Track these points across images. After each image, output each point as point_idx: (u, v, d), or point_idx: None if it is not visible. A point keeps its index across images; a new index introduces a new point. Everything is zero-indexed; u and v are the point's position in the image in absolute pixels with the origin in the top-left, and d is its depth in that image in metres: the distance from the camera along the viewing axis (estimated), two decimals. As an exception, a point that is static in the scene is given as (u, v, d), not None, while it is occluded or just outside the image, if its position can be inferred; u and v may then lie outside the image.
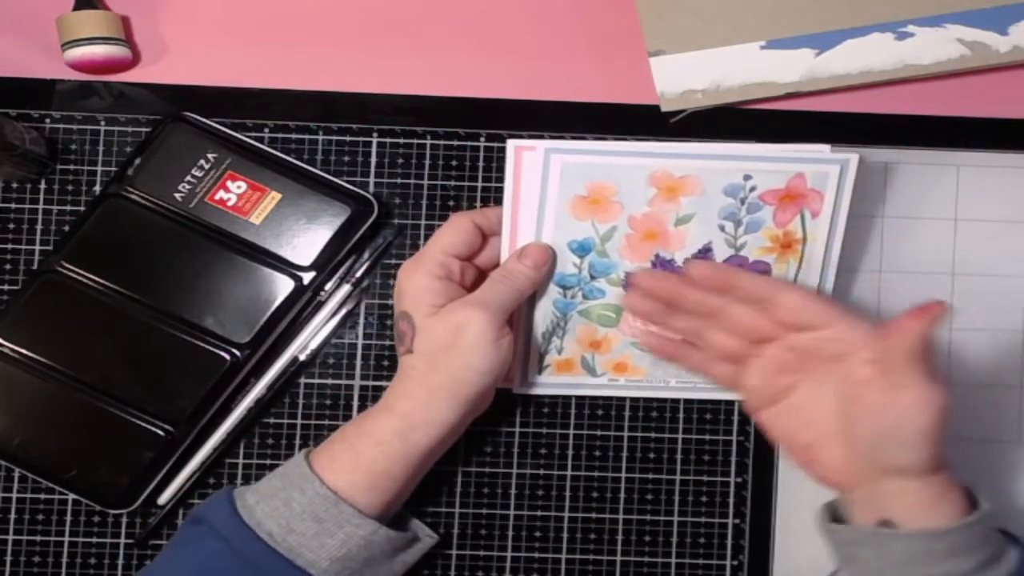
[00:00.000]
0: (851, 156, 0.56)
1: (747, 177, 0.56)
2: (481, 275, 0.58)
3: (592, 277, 0.58)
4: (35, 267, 0.62)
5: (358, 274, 0.62)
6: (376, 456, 0.53)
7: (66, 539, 0.62)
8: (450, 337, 0.53)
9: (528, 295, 0.58)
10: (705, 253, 0.58)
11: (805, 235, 0.58)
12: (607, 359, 0.61)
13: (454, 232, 0.56)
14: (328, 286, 0.62)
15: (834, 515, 0.56)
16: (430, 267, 0.55)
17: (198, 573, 0.52)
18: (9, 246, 0.63)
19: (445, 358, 0.54)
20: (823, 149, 0.56)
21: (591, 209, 0.57)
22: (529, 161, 0.56)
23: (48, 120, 0.63)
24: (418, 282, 0.55)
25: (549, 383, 0.61)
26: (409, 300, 0.55)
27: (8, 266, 0.63)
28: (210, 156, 0.61)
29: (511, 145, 0.55)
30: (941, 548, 0.50)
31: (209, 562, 0.52)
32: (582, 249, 0.58)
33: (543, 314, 0.59)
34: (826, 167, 0.56)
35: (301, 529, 0.52)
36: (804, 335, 0.54)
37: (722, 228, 0.57)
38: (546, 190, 0.56)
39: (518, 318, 0.59)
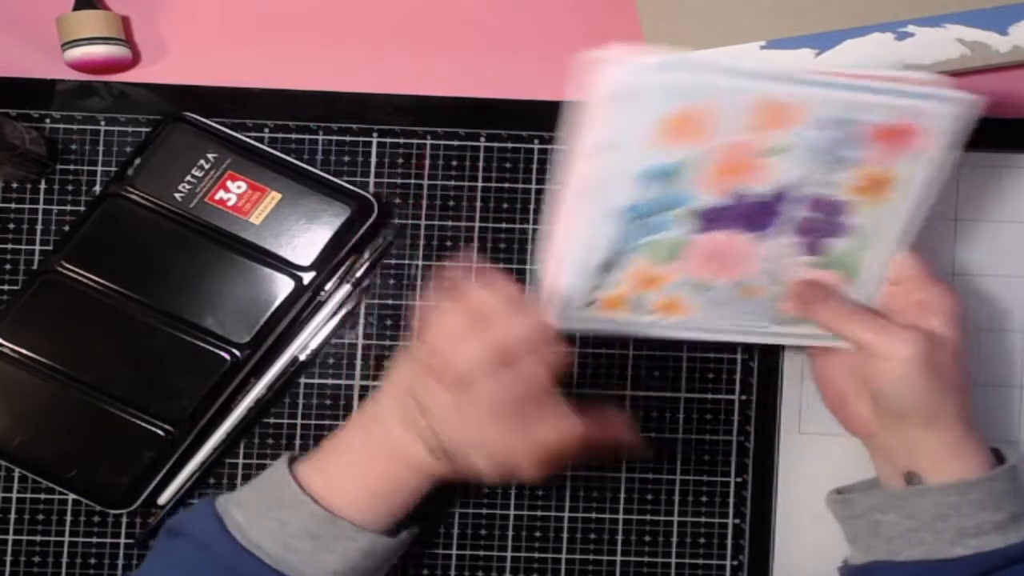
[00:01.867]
0: (976, 98, 0.50)
1: (856, 109, 0.50)
2: None
3: (663, 208, 0.52)
4: (35, 267, 0.62)
5: (358, 274, 0.62)
6: (378, 482, 0.53)
7: (66, 539, 0.62)
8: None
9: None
10: (788, 189, 0.52)
11: (900, 177, 0.53)
12: (658, 297, 0.56)
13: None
14: (328, 286, 0.62)
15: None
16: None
17: None
18: (9, 246, 0.63)
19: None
20: (946, 83, 0.50)
21: (679, 133, 0.49)
22: (613, 75, 0.48)
23: (48, 120, 0.63)
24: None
25: (593, 319, 0.56)
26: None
27: (8, 266, 0.63)
28: (210, 156, 0.61)
29: (591, 57, 0.48)
30: (971, 500, 0.51)
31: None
32: (659, 176, 0.51)
33: (601, 244, 0.53)
34: (944, 106, 0.50)
35: (297, 546, 0.51)
36: None
37: (815, 163, 0.52)
38: (633, 108, 0.49)
39: (569, 247, 0.53)
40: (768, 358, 0.63)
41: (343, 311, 0.62)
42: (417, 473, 0.53)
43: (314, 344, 0.62)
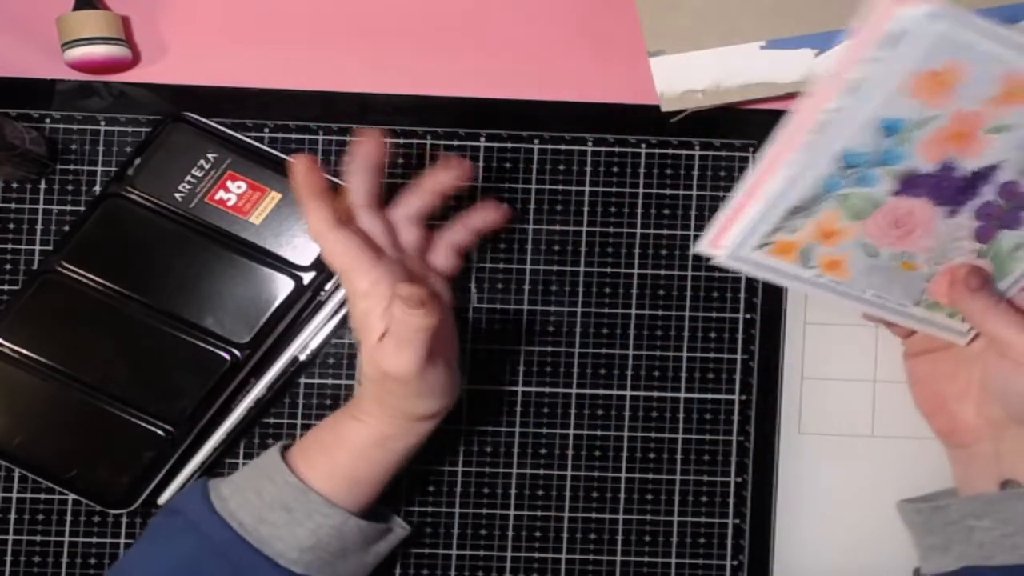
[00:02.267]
0: None
1: None
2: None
3: (880, 163, 0.51)
4: (35, 267, 0.62)
5: (358, 274, 0.62)
6: (356, 464, 0.54)
7: (66, 539, 0.62)
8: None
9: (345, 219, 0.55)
10: (991, 170, 0.52)
11: None
12: (827, 253, 0.55)
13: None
14: (328, 286, 0.62)
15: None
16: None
17: (173, 565, 0.52)
18: (9, 246, 0.63)
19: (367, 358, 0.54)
20: None
21: (930, 89, 0.49)
22: (894, 16, 0.47)
23: (48, 120, 0.63)
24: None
25: (761, 263, 0.55)
26: None
27: (8, 266, 0.63)
28: (210, 156, 0.61)
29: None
30: None
31: (182, 553, 0.52)
32: (891, 129, 0.50)
33: (806, 184, 0.52)
34: None
35: (272, 519, 0.52)
36: None
37: None
38: (900, 54, 0.47)
39: (768, 184, 0.52)
40: (768, 358, 0.63)
41: (343, 311, 0.62)
42: (383, 449, 0.54)
43: (314, 344, 0.62)
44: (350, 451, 0.54)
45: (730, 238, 0.53)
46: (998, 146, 0.51)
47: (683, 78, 0.63)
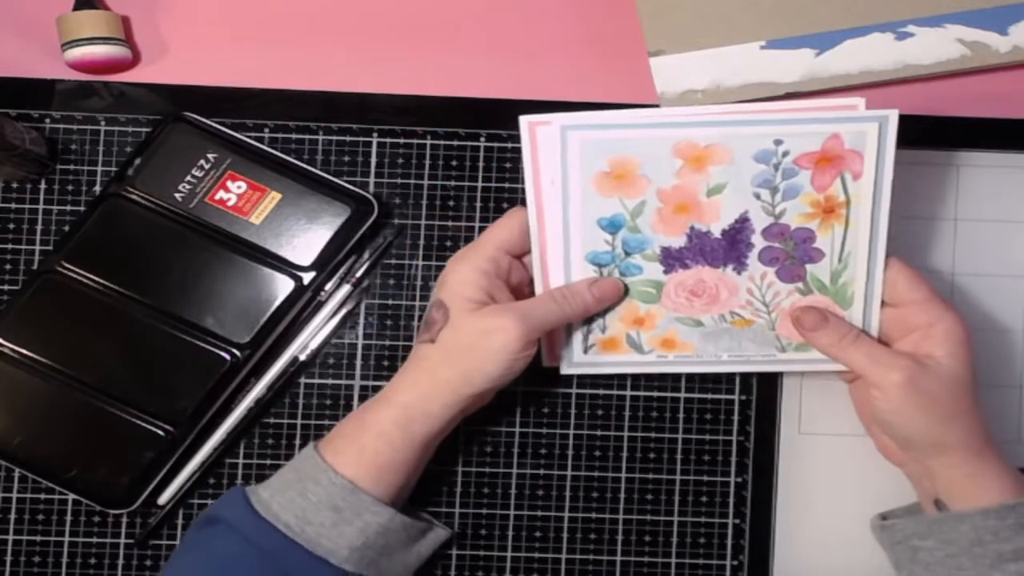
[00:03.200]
0: (889, 113, 0.53)
1: (778, 142, 0.53)
2: (527, 274, 0.58)
3: (627, 254, 0.56)
4: (35, 267, 0.62)
5: (358, 274, 0.62)
6: (379, 448, 0.53)
7: (66, 539, 0.62)
8: (476, 338, 0.53)
9: (574, 322, 0.57)
10: (742, 223, 0.55)
11: (848, 198, 0.55)
12: (653, 335, 0.58)
13: (510, 227, 0.55)
14: (328, 286, 0.62)
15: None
16: (479, 261, 0.54)
17: (218, 571, 0.52)
18: (9, 246, 0.63)
19: (461, 356, 0.53)
20: (857, 104, 0.53)
21: (616, 185, 0.54)
22: (545, 136, 0.54)
23: (48, 120, 0.63)
24: (463, 275, 0.54)
25: (597, 362, 0.59)
26: (448, 291, 0.54)
27: (8, 266, 0.63)
28: (210, 156, 0.61)
29: (524, 121, 0.54)
30: (1010, 524, 0.51)
31: (228, 560, 0.52)
32: (612, 226, 0.55)
33: None
34: (863, 126, 0.53)
35: (319, 519, 0.52)
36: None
37: (758, 196, 0.55)
38: (567, 168, 0.54)
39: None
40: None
41: (343, 311, 0.62)
42: (405, 432, 0.54)
43: (314, 344, 0.62)
44: (373, 435, 0.53)
45: (559, 349, 0.59)
46: (730, 201, 0.55)
47: (683, 78, 0.63)
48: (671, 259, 0.56)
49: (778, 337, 0.58)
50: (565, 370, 0.60)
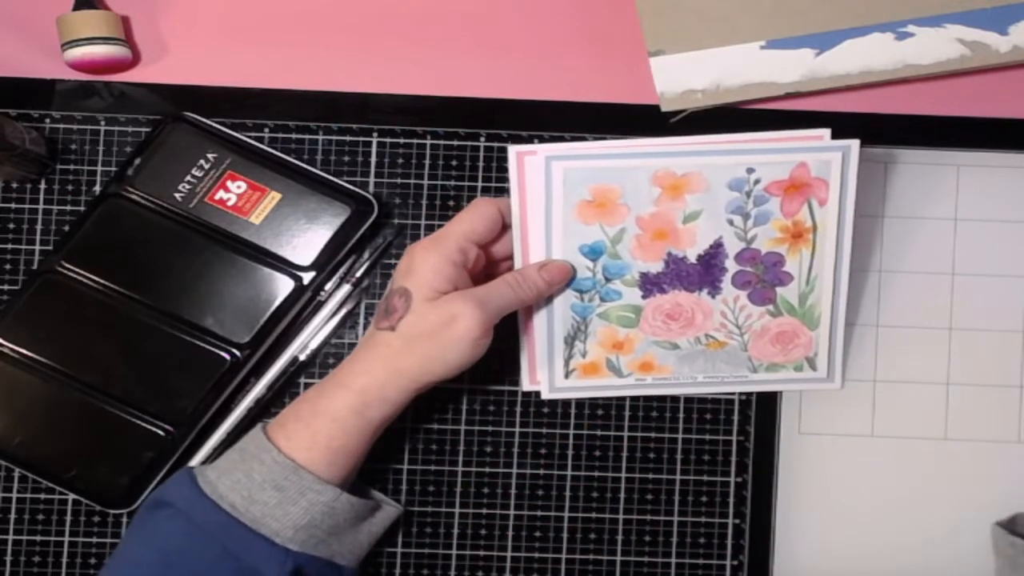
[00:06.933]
0: (851, 143, 0.56)
1: (750, 170, 0.56)
2: (491, 263, 0.58)
3: (607, 279, 0.59)
4: (35, 267, 0.62)
5: (358, 274, 0.62)
6: (334, 433, 0.53)
7: (66, 539, 0.62)
8: (438, 326, 0.53)
9: (527, 306, 0.58)
10: (716, 248, 0.58)
11: (815, 224, 0.58)
12: (632, 359, 0.61)
13: (478, 218, 0.56)
14: (328, 286, 0.62)
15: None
16: (450, 252, 0.54)
17: (164, 556, 0.52)
18: (9, 246, 0.63)
19: (423, 345, 0.53)
20: (823, 135, 0.56)
21: (597, 213, 0.57)
22: (531, 166, 0.56)
23: (48, 120, 0.63)
24: (434, 264, 0.54)
25: (577, 387, 0.61)
26: (417, 279, 0.54)
27: (8, 266, 0.63)
28: (210, 156, 0.61)
29: (512, 151, 0.55)
30: None
31: (173, 542, 0.52)
32: (593, 252, 0.58)
33: (562, 319, 0.59)
34: (827, 155, 0.56)
35: (263, 499, 0.52)
36: None
37: (731, 222, 0.57)
38: (551, 196, 0.56)
39: (536, 324, 0.60)
40: (768, 358, 0.63)
41: (343, 311, 0.62)
42: (360, 418, 0.54)
43: (314, 344, 0.62)
44: (328, 420, 0.53)
45: (540, 373, 0.61)
46: (706, 228, 0.57)
47: (683, 78, 0.63)
48: (649, 284, 0.59)
49: (750, 358, 0.61)
50: (547, 394, 0.62)
